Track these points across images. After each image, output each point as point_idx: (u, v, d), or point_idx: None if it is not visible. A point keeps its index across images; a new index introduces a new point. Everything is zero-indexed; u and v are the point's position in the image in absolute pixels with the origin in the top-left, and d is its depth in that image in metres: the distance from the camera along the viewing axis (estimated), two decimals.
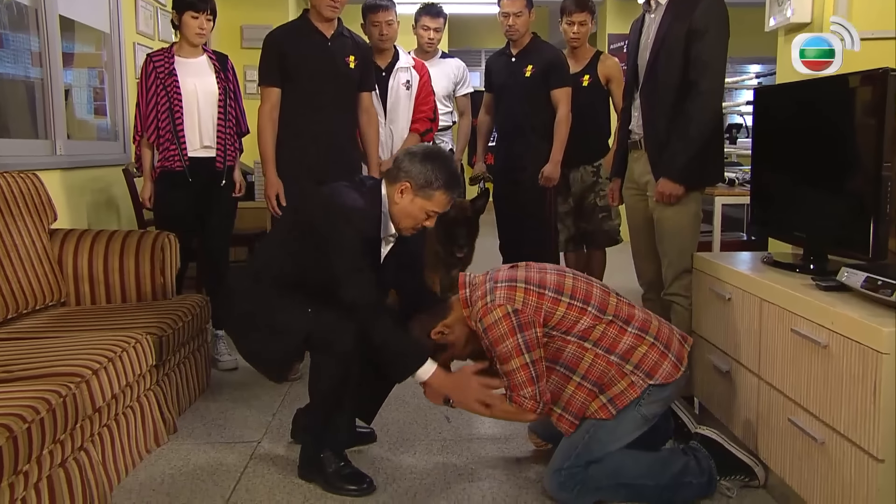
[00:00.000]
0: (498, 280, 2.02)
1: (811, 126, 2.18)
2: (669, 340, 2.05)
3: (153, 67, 3.09)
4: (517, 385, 1.96)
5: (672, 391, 2.05)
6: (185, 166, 3.08)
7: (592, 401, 2.01)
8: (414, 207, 2.13)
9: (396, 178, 2.14)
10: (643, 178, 2.69)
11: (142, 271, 2.89)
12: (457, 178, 2.17)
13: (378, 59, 3.40)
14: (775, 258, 2.30)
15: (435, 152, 2.16)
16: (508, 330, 1.93)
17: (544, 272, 2.05)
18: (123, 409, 2.24)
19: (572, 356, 2.00)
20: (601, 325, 2.00)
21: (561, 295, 1.99)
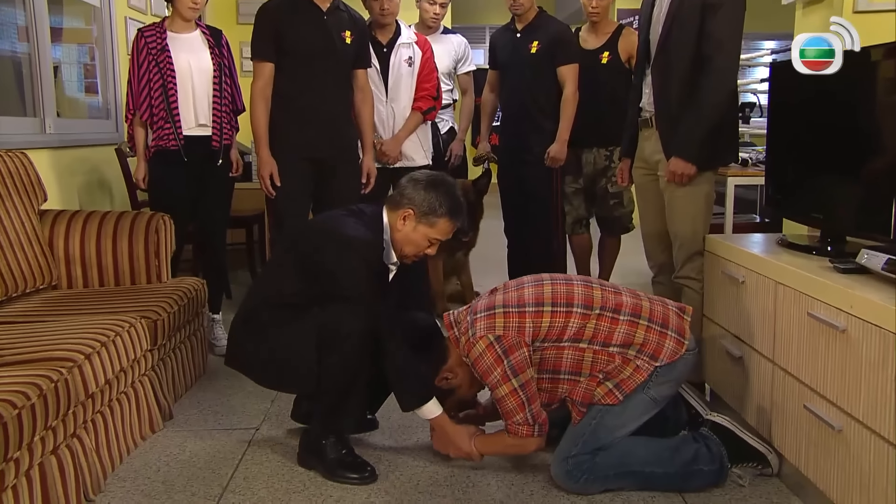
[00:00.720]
0: (477, 311, 2.04)
1: (830, 102, 2.14)
2: (666, 318, 2.05)
3: (145, 43, 3.06)
4: (509, 412, 2.00)
5: (681, 369, 2.04)
6: (180, 145, 3.07)
7: (598, 387, 2.01)
8: (417, 235, 2.16)
9: (399, 204, 2.15)
10: (654, 157, 2.66)
11: (135, 254, 2.87)
12: (461, 206, 2.20)
13: (379, 34, 3.36)
14: (790, 240, 2.28)
15: (439, 179, 2.18)
16: (494, 360, 1.96)
17: (521, 289, 2.07)
18: (117, 395, 2.23)
19: (572, 361, 2.02)
20: (591, 322, 2.00)
21: (542, 306, 2.01)
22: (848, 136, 2.07)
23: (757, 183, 3.31)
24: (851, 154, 2.06)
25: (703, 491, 2.05)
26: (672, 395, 2.08)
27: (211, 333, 3.28)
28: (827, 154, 2.17)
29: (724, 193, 3.08)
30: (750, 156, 3.20)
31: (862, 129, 2.02)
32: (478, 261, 4.13)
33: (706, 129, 2.44)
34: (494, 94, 3.81)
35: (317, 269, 2.08)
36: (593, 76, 3.50)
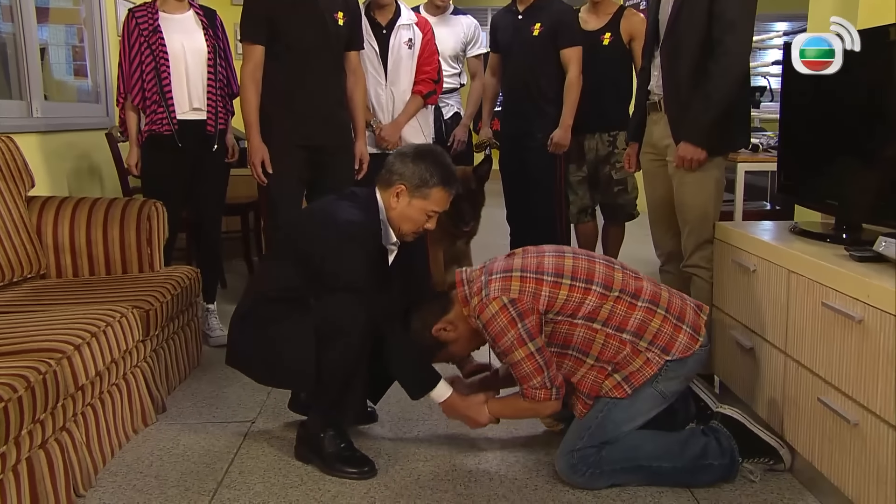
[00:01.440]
0: (493, 272, 2.01)
1: (846, 84, 2.11)
2: (683, 312, 2.03)
3: (136, 24, 3.02)
4: (525, 376, 1.96)
5: (692, 365, 2.02)
6: (174, 130, 3.04)
7: (606, 379, 2.00)
8: (412, 210, 2.14)
9: (389, 182, 2.13)
10: (662, 141, 2.64)
11: (127, 242, 2.85)
12: (452, 173, 2.17)
13: (378, 15, 3.33)
14: (804, 227, 2.26)
15: (426, 149, 2.17)
16: (507, 322, 1.93)
17: (542, 256, 2.04)
18: (108, 388, 2.21)
19: (583, 339, 1.99)
20: (608, 303, 1.98)
21: (561, 278, 1.98)
22: (865, 119, 2.04)
23: (768, 169, 3.28)
24: (868, 138, 2.03)
25: (712, 486, 2.03)
26: (681, 390, 2.07)
27: (205, 323, 3.27)
28: (842, 138, 2.14)
29: (735, 180, 3.05)
30: (760, 141, 3.16)
31: (880, 111, 1.99)
32: (479, 249, 4.09)
33: (717, 113, 2.42)
34: (496, 78, 3.80)
35: (315, 260, 2.06)
36: (594, 58, 3.48)
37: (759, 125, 3.89)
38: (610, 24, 3.56)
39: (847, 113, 2.12)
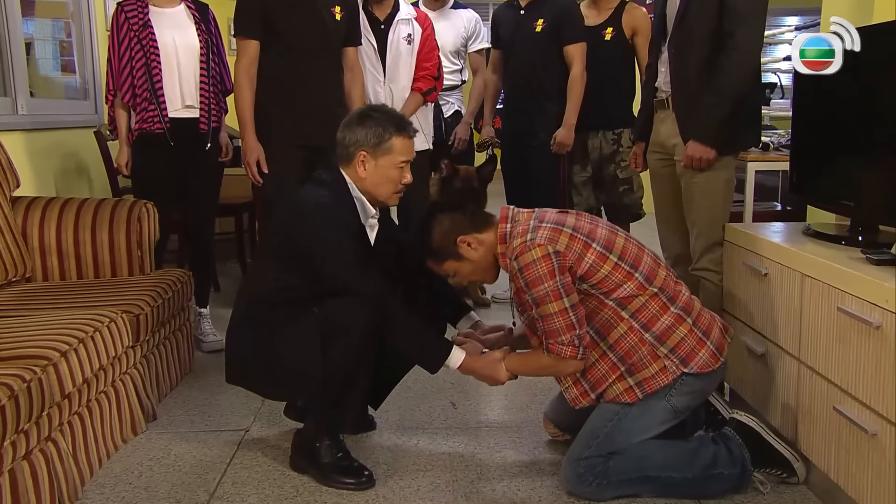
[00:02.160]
0: (543, 220, 1.99)
1: (862, 80, 2.09)
2: (710, 328, 2.02)
3: (125, 18, 3.00)
4: (554, 331, 1.92)
5: (707, 383, 2.02)
6: (166, 128, 3.03)
7: (618, 381, 1.97)
8: (382, 170, 2.12)
9: (349, 156, 2.13)
10: (670, 140, 2.62)
11: (116, 244, 2.83)
12: (403, 118, 2.18)
13: (376, 9, 3.33)
14: (817, 229, 2.24)
15: (366, 110, 2.18)
16: (547, 272, 1.89)
17: (595, 224, 2.03)
18: (96, 395, 2.19)
19: (605, 321, 1.97)
20: (644, 297, 1.96)
21: (609, 252, 1.96)
22: (881, 115, 2.02)
23: (779, 168, 3.28)
24: (885, 135, 2.01)
25: (722, 498, 2.01)
26: (694, 406, 2.06)
27: (198, 328, 3.25)
28: (858, 136, 2.12)
29: (744, 179, 3.04)
30: (771, 139, 3.16)
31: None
32: None
33: (727, 111, 2.40)
34: (497, 75, 3.79)
35: (301, 253, 2.05)
36: (596, 54, 3.47)
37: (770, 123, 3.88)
38: (611, 18, 3.55)
39: (863, 110, 2.09)
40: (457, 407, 2.63)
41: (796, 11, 8.06)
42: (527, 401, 2.67)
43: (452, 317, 2.33)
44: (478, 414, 2.59)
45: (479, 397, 2.73)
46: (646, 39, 3.41)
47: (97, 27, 4.00)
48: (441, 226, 2.07)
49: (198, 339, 3.21)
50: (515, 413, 2.58)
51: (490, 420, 2.54)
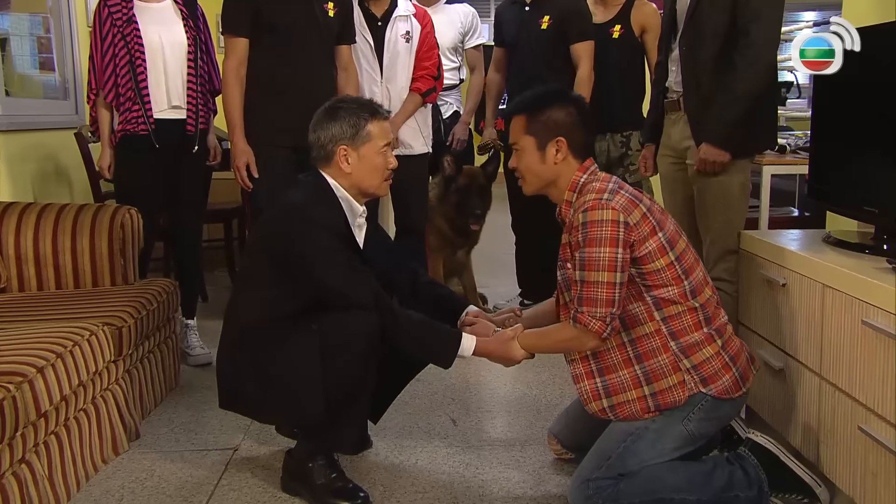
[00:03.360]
0: (623, 188, 1.97)
1: (886, 79, 2.08)
2: (738, 355, 2.01)
3: (108, 13, 2.98)
4: (592, 300, 1.89)
5: (728, 411, 2.00)
6: (151, 130, 3.01)
7: (632, 382, 1.95)
8: (367, 160, 2.11)
9: (328, 153, 2.12)
10: (682, 143, 2.61)
11: (98, 252, 2.82)
12: (371, 102, 2.20)
13: (373, 6, 3.31)
14: (839, 237, 2.23)
15: (332, 104, 2.17)
16: (611, 238, 1.87)
17: (665, 216, 2.02)
18: (75, 413, 2.17)
19: (634, 315, 1.96)
20: (682, 306, 1.95)
21: (671, 249, 1.95)
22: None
23: (796, 172, 3.27)
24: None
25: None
26: (711, 434, 2.04)
27: (184, 341, 3.22)
28: (882, 138, 2.10)
29: (760, 184, 3.04)
30: (788, 141, 3.15)
31: None
32: (483, 260, 4.09)
33: (742, 111, 2.39)
34: (500, 75, 3.79)
35: (290, 268, 2.03)
36: (604, 53, 3.46)
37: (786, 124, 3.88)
38: (619, 15, 3.55)
39: (888, 109, 2.07)
40: (457, 424, 2.62)
41: (814, 6, 8.05)
42: (531, 418, 2.66)
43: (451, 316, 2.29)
44: (479, 431, 2.57)
45: (481, 413, 2.71)
46: (655, 37, 3.41)
47: (78, 22, 3.99)
48: (565, 110, 2.02)
49: (184, 353, 3.18)
50: (519, 430, 2.56)
51: (492, 437, 2.53)
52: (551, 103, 2.02)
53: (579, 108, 2.04)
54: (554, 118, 2.00)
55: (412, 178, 3.35)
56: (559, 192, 2.04)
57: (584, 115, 2.04)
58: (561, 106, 2.02)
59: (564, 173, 2.02)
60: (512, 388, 2.94)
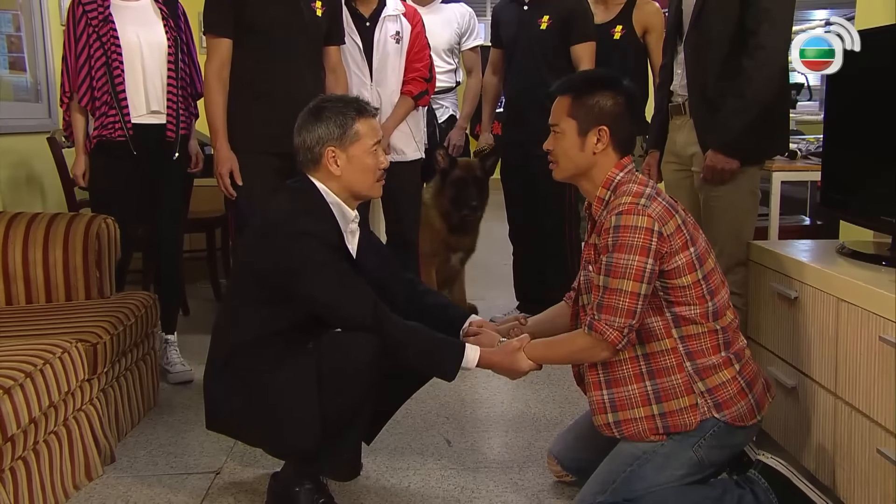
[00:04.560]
0: (660, 195, 1.95)
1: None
2: (754, 381, 2.00)
3: (83, 12, 2.97)
4: (612, 308, 1.88)
5: (741, 439, 2.00)
6: (128, 135, 3.00)
7: (642, 406, 1.94)
8: (357, 161, 2.09)
9: (315, 157, 2.10)
10: (688, 149, 2.62)
11: (72, 264, 2.80)
12: (358, 99, 2.18)
13: (360, 5, 3.31)
14: (853, 248, 2.22)
15: (316, 104, 2.15)
16: (643, 246, 1.85)
17: (697, 230, 2.00)
18: (46, 436, 2.14)
19: (650, 330, 1.94)
20: (703, 328, 1.93)
21: (699, 267, 1.93)
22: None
23: (807, 179, 3.29)
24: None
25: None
26: (721, 462, 2.02)
27: (164, 357, 3.21)
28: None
29: (769, 191, 3.05)
30: (799, 146, 3.16)
31: None
32: (479, 271, 4.09)
33: (751, 116, 2.40)
34: (497, 77, 3.81)
35: (281, 281, 2.00)
36: (605, 54, 3.49)
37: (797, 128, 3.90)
38: (621, 15, 3.58)
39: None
40: (452, 444, 2.60)
41: (826, 4, 8.06)
42: (530, 438, 2.64)
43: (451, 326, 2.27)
44: (475, 452, 2.56)
45: (477, 433, 2.70)
46: (659, 38, 3.43)
47: (51, 20, 3.97)
48: (615, 99, 1.98)
49: (164, 370, 3.16)
50: (517, 451, 2.55)
51: (489, 459, 2.51)
52: (601, 88, 1.99)
53: (629, 100, 2.01)
54: (601, 105, 1.97)
55: (405, 186, 3.35)
56: (591, 185, 2.02)
57: (632, 108, 2.01)
58: (611, 93, 1.98)
59: (601, 165, 2.00)
60: (510, 406, 2.92)
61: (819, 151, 3.02)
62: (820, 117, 3.84)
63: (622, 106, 1.98)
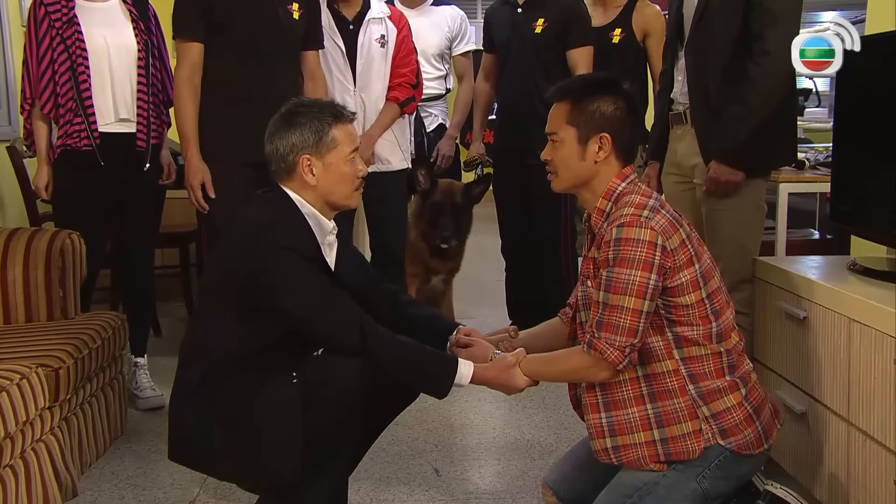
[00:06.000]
0: (664, 207, 1.94)
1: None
2: (761, 406, 1.97)
3: (45, 13, 2.96)
4: (612, 327, 1.85)
5: (748, 469, 1.96)
6: (95, 145, 2.99)
7: (642, 430, 1.91)
8: (334, 169, 2.07)
9: (289, 165, 2.07)
10: (689, 160, 2.62)
11: (33, 282, 2.78)
12: (333, 103, 2.17)
13: (343, 7, 3.32)
14: (866, 264, 2.21)
15: (290, 108, 2.12)
16: (645, 260, 1.83)
17: (702, 246, 1.98)
18: (1, 470, 2.10)
19: (651, 349, 1.92)
20: (707, 350, 1.91)
21: (704, 286, 1.91)
22: None
23: (816, 190, 3.31)
24: None
25: None
26: (726, 494, 1.99)
27: (133, 382, 3.18)
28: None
29: (776, 204, 3.06)
30: (807, 156, 3.17)
31: None
32: (469, 287, 4.08)
33: (755, 126, 2.40)
34: (490, 84, 3.82)
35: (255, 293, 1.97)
36: (603, 59, 3.50)
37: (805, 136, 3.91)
38: (620, 18, 3.60)
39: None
40: (441, 474, 2.60)
41: (835, 6, 8.09)
42: (523, 466, 2.64)
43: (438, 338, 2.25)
44: (466, 482, 2.55)
45: (467, 461, 2.69)
46: (660, 42, 3.45)
47: (10, 21, 3.93)
48: (616, 104, 1.96)
49: (132, 395, 3.15)
50: (510, 481, 2.54)
51: (480, 490, 2.51)
52: (601, 93, 1.97)
53: (630, 105, 1.99)
54: (602, 110, 1.95)
55: (390, 197, 3.36)
56: (592, 195, 2.00)
57: (634, 114, 2.00)
58: (612, 97, 1.96)
59: (603, 175, 1.97)
60: (502, 432, 2.91)
61: (828, 161, 3.02)
62: (829, 125, 3.84)
63: (624, 111, 1.96)
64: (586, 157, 1.96)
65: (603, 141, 1.94)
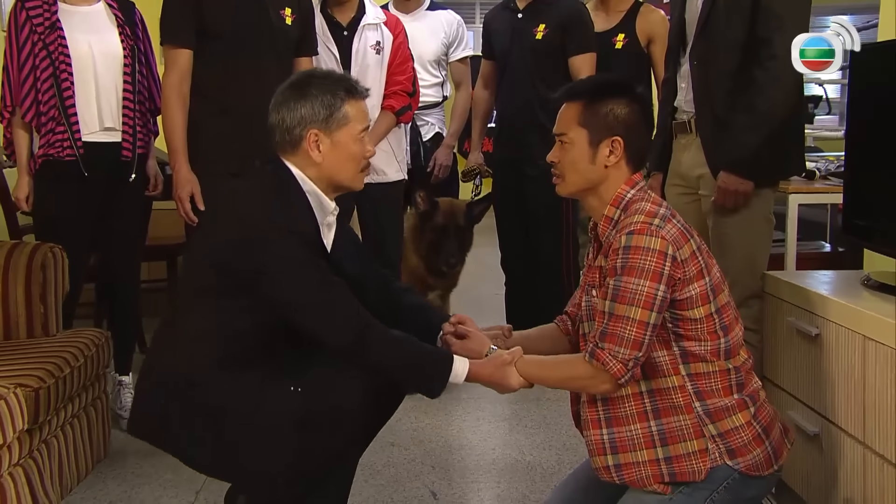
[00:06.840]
0: (675, 217, 1.92)
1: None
2: (770, 425, 1.94)
3: (27, 17, 2.95)
4: (616, 338, 1.83)
5: (757, 492, 1.94)
6: (79, 155, 2.98)
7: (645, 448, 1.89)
8: (342, 148, 2.03)
9: (295, 139, 2.02)
10: (694, 171, 2.62)
11: (12, 298, 2.75)
12: (348, 78, 2.13)
13: (337, 13, 3.33)
14: (880, 279, 2.20)
15: (301, 78, 2.09)
16: (654, 270, 1.80)
17: (712, 259, 1.96)
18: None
19: (656, 364, 1.89)
20: (714, 366, 1.89)
21: (713, 300, 1.89)
22: None
23: (827, 201, 3.29)
24: None
25: None
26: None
27: (117, 401, 3.17)
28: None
29: (785, 215, 3.03)
30: (817, 165, 3.16)
31: None
32: (468, 301, 4.06)
33: (764, 134, 2.40)
34: (489, 91, 3.84)
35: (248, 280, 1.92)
36: (605, 66, 3.52)
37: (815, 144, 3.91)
38: (623, 23, 3.62)
39: None
40: (438, 497, 2.59)
41: (845, 10, 8.11)
42: (524, 489, 2.62)
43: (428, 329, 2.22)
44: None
45: (466, 484, 2.68)
46: (663, 48, 3.47)
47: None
48: (629, 107, 1.94)
49: (116, 415, 3.12)
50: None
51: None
52: (614, 94, 1.96)
53: (644, 108, 1.99)
54: (615, 112, 1.93)
55: (386, 209, 3.37)
56: (599, 202, 1.98)
57: (647, 118, 1.99)
58: (625, 100, 1.95)
59: (612, 180, 1.96)
60: (502, 453, 2.89)
61: (840, 171, 3.01)
62: (840, 133, 3.84)
63: (637, 114, 1.95)
64: (596, 161, 1.94)
65: (615, 144, 1.92)
